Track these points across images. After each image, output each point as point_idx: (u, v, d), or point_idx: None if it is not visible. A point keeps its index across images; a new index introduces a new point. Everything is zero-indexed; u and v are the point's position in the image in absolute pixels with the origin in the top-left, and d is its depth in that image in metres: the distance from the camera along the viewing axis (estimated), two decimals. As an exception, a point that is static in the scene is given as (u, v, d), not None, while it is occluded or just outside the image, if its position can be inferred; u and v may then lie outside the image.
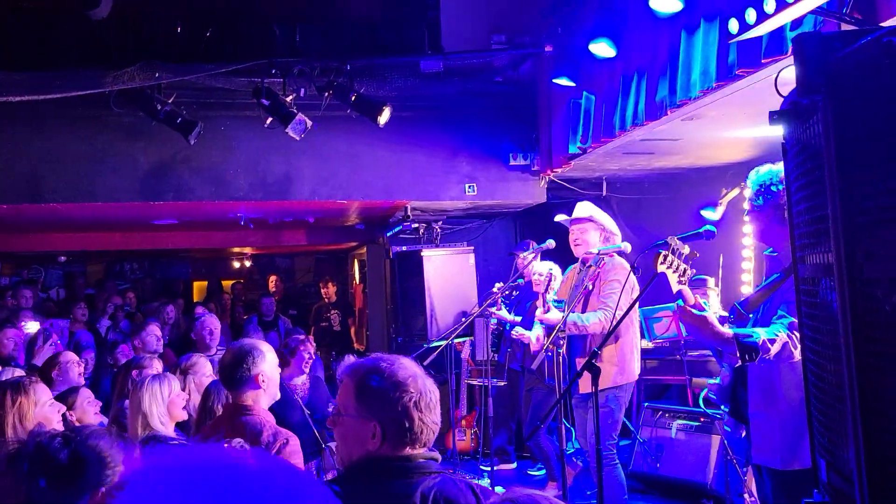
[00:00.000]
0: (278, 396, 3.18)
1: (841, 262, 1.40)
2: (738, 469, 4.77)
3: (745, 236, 6.89)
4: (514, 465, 6.90)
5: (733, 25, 2.02)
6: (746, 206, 3.02)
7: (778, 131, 1.65)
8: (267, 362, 3.06)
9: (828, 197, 1.42)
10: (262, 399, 3.10)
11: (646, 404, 6.08)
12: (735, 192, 6.51)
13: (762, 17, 1.85)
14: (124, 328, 8.68)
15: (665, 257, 2.92)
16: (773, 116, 1.68)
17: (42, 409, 3.06)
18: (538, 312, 4.58)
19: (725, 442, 4.89)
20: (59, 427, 3.10)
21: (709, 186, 6.81)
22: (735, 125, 5.28)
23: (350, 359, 6.17)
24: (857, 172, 1.38)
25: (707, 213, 6.38)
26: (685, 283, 2.90)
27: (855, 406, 1.38)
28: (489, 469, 5.67)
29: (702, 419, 5.62)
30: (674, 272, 2.92)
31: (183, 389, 3.74)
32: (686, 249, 2.98)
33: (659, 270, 2.96)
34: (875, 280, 1.36)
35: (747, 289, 6.98)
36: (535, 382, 5.89)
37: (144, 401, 3.48)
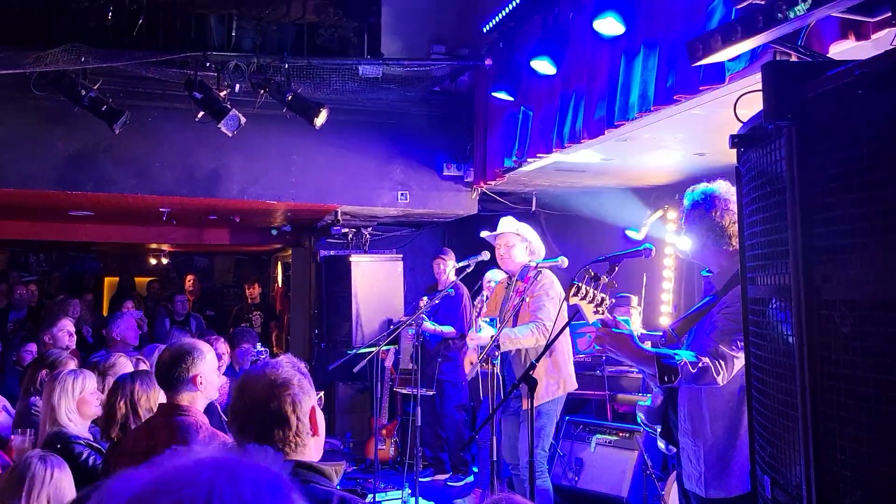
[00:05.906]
0: (216, 397, 3.09)
1: (799, 285, 1.45)
2: (655, 483, 4.90)
3: (667, 257, 7.13)
4: (448, 475, 6.82)
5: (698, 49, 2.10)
6: (683, 222, 3.06)
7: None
8: (206, 363, 2.97)
9: (788, 221, 1.47)
10: (199, 400, 3.00)
11: (567, 418, 6.17)
12: (658, 213, 6.73)
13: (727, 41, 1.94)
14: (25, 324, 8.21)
15: (578, 289, 2.85)
16: (734, 140, 1.73)
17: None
18: (470, 333, 4.57)
19: (645, 456, 5.01)
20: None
21: (633, 207, 7.01)
22: (662, 149, 5.46)
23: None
24: (818, 198, 1.43)
25: (631, 234, 6.57)
26: (602, 313, 2.83)
27: (808, 425, 1.42)
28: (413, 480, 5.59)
29: (620, 434, 5.74)
30: (589, 303, 2.85)
31: (102, 391, 3.56)
32: (605, 279, 2.95)
33: (571, 303, 2.89)
34: (832, 303, 1.40)
35: (666, 307, 7.22)
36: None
37: (55, 394, 3.31)
